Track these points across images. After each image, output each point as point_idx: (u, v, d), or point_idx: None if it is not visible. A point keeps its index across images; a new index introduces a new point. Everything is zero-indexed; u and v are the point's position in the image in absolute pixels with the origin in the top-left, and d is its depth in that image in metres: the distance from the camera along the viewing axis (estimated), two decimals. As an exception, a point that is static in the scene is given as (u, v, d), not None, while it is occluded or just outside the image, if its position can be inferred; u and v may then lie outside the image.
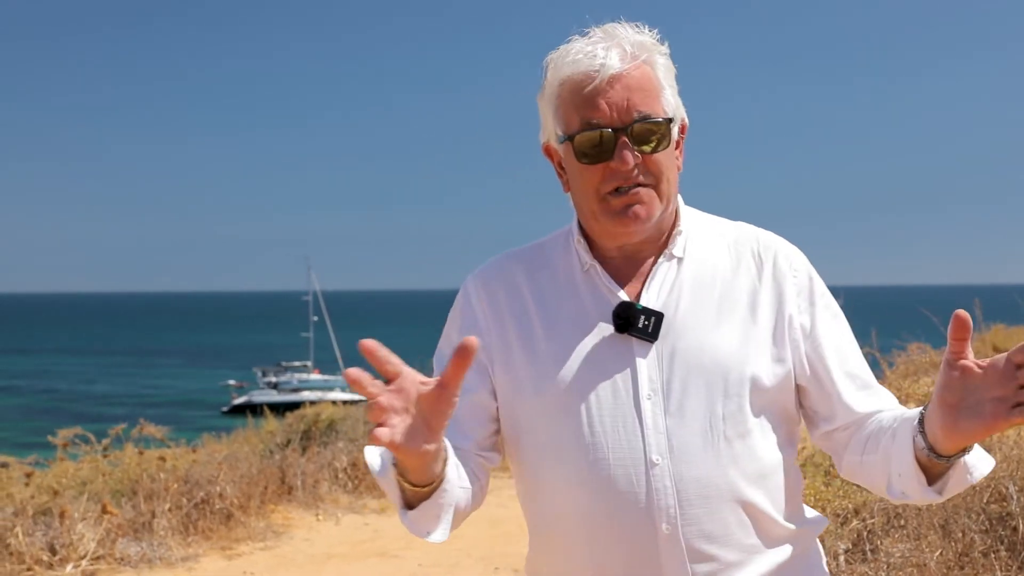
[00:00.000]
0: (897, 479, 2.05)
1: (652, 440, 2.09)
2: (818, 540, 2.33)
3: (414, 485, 1.99)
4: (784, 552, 2.17)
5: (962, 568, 5.05)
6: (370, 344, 1.81)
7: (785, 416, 2.21)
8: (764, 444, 2.15)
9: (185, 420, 35.26)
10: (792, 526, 2.19)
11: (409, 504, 2.03)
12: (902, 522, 5.42)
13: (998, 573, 4.96)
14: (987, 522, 5.26)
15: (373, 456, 2.06)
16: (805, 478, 5.62)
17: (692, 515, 2.09)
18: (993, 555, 5.06)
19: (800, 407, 2.26)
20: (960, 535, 5.19)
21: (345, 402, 15.46)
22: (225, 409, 57.75)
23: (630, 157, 2.10)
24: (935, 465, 1.98)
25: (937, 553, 5.08)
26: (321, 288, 77.13)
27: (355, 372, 1.79)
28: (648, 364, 2.13)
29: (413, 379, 1.85)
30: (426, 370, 2.06)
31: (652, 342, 2.14)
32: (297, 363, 69.78)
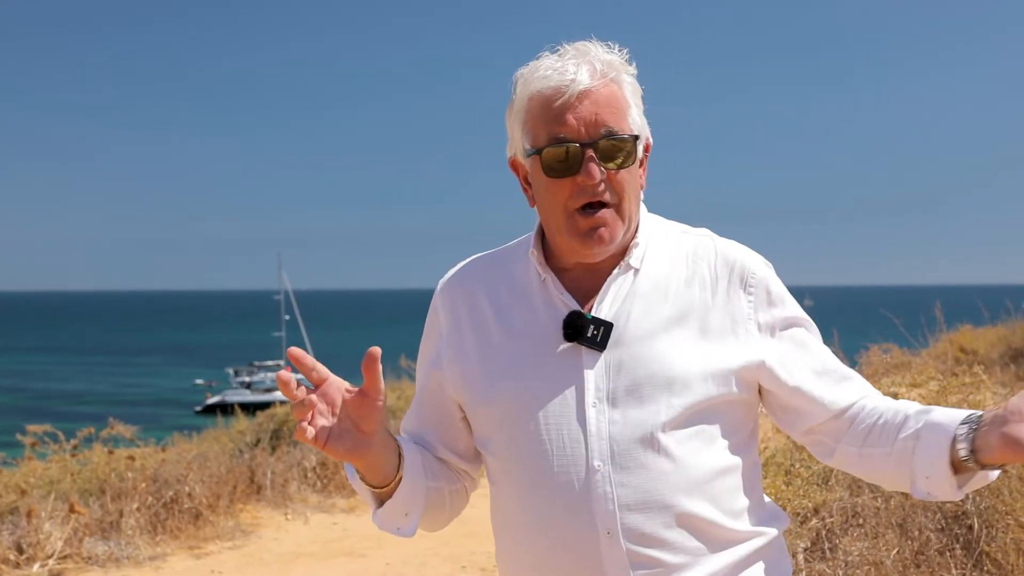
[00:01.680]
0: (925, 481, 2.11)
1: (595, 447, 2.14)
2: (781, 535, 2.35)
3: (373, 486, 2.17)
4: (734, 553, 2.21)
5: (918, 566, 5.11)
6: (296, 352, 2.05)
7: (736, 422, 2.25)
8: (712, 450, 2.19)
9: (158, 419, 35.11)
10: (742, 527, 2.22)
11: (381, 504, 2.22)
12: (860, 521, 5.47)
13: (953, 571, 5.02)
14: (943, 521, 5.32)
15: (352, 471, 2.23)
16: (766, 477, 5.68)
17: (633, 521, 2.13)
18: (948, 553, 5.13)
19: (770, 410, 2.31)
20: (916, 534, 5.25)
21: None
22: (198, 408, 57.55)
23: (597, 172, 2.13)
24: (968, 469, 2.05)
25: (894, 551, 5.14)
26: (294, 287, 76.94)
27: (285, 375, 2.01)
28: (595, 373, 2.17)
29: (339, 386, 2.08)
30: (400, 369, 2.18)
31: (600, 351, 2.18)
32: (269, 362, 69.65)
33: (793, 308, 2.31)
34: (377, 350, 2.01)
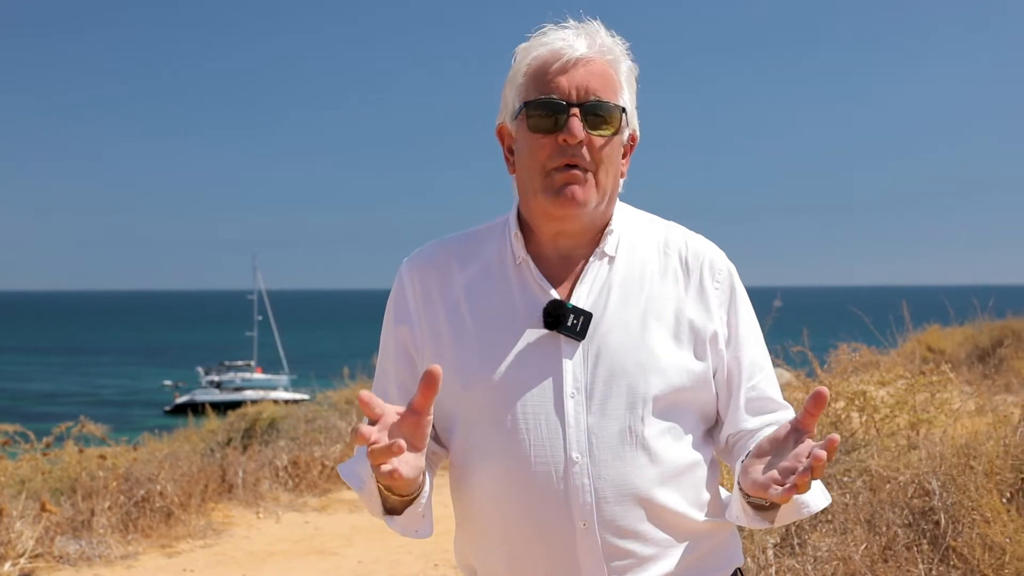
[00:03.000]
0: (734, 503, 2.19)
1: (573, 438, 2.16)
2: (735, 527, 2.38)
3: (400, 495, 2.12)
4: (701, 545, 2.25)
5: (886, 561, 5.17)
6: (366, 396, 1.93)
7: (705, 416, 2.29)
8: (682, 444, 2.23)
9: (128, 419, 34.93)
10: (708, 520, 2.26)
11: (391, 510, 2.18)
12: (829, 517, 5.54)
13: (920, 566, 5.08)
14: (911, 516, 5.39)
15: (349, 474, 2.22)
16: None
17: (608, 512, 2.15)
18: (916, 548, 5.19)
19: None
20: (884, 529, 5.31)
21: (287, 401, 15.46)
22: (168, 408, 57.19)
23: (579, 131, 2.16)
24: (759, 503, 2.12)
25: (862, 547, 5.20)
26: (268, 287, 76.67)
27: (366, 394, 1.93)
28: (574, 363, 2.19)
29: (391, 412, 1.99)
30: (373, 369, 2.14)
31: (580, 341, 2.19)
32: (240, 362, 69.26)
33: (750, 312, 2.35)
34: (438, 370, 1.94)
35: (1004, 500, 5.20)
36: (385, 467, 1.92)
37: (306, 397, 25.69)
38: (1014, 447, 5.52)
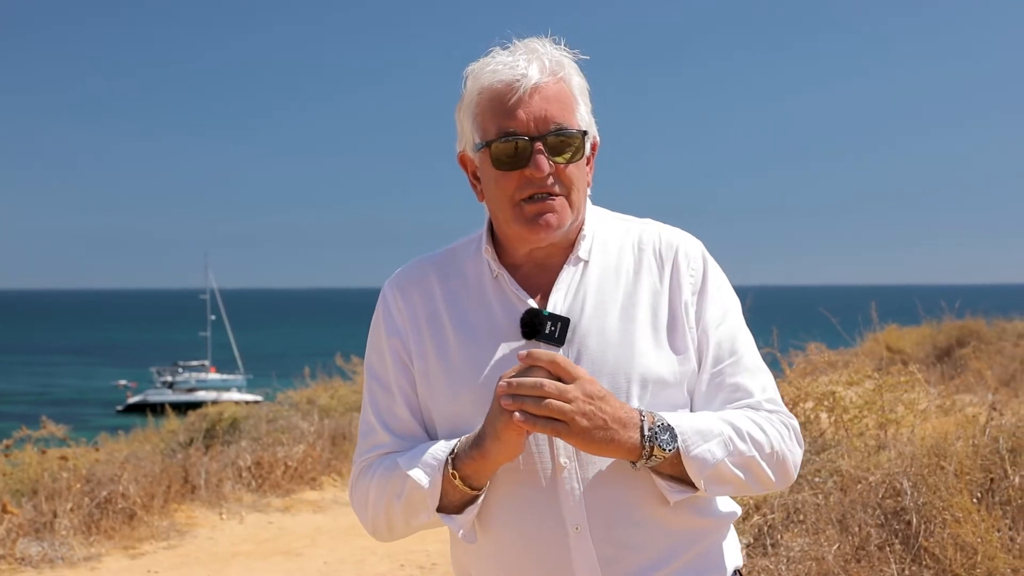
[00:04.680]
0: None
1: (559, 444, 2.17)
2: (733, 528, 2.40)
3: (477, 489, 2.17)
4: (697, 544, 2.25)
5: (859, 561, 5.21)
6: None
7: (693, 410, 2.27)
8: None
9: (79, 418, 34.48)
10: (702, 518, 2.26)
11: (444, 508, 2.20)
12: (801, 517, 5.58)
13: (893, 566, 5.12)
14: (882, 517, 5.43)
15: (419, 475, 2.20)
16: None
17: (600, 515, 2.16)
18: (888, 548, 5.23)
19: None
20: (857, 529, 5.35)
21: (247, 402, 15.36)
22: (120, 408, 56.77)
23: (545, 165, 2.17)
24: (654, 470, 2.16)
25: (835, 547, 5.24)
26: (221, 287, 76.32)
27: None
28: None
29: None
30: (333, 368, 2.14)
31: (559, 347, 2.20)
32: (194, 362, 68.83)
33: (727, 298, 2.34)
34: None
35: (974, 500, 5.24)
36: (520, 417, 2.01)
37: (259, 398, 25.54)
38: (983, 447, 5.58)
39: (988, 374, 11.48)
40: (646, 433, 2.07)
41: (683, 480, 2.15)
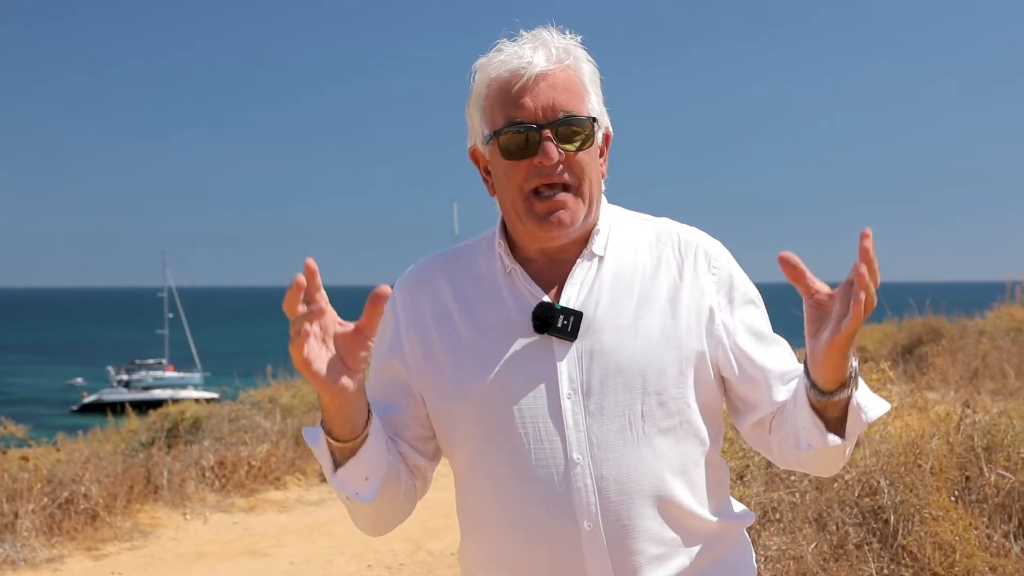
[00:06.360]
0: (802, 432, 2.10)
1: (572, 439, 2.13)
2: (746, 532, 2.37)
3: (340, 440, 2.06)
4: (708, 546, 2.21)
5: (837, 560, 5.20)
6: (312, 265, 1.93)
7: (707, 410, 2.24)
8: (685, 439, 2.19)
9: (34, 418, 34.13)
10: (715, 519, 2.22)
11: (339, 467, 2.11)
12: (778, 515, 5.56)
13: (871, 564, 5.11)
14: (860, 515, 5.42)
15: (309, 432, 2.12)
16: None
17: (613, 512, 2.12)
18: (866, 547, 5.23)
19: (726, 399, 2.30)
20: (835, 528, 5.35)
21: (207, 400, 15.22)
22: (75, 407, 56.28)
23: (554, 153, 2.13)
24: (827, 407, 2.03)
25: (813, 546, 5.23)
26: (179, 285, 75.87)
27: (312, 262, 1.93)
28: (568, 364, 2.16)
29: (333, 318, 1.98)
30: (288, 367, 2.09)
31: (572, 341, 2.17)
32: (151, 360, 68.40)
33: (755, 296, 2.31)
34: (386, 288, 1.95)
35: (952, 498, 5.25)
36: (300, 341, 1.92)
37: (216, 396, 25.36)
38: (958, 445, 5.58)
39: (951, 371, 11.55)
40: (854, 364, 2.01)
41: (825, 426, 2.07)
